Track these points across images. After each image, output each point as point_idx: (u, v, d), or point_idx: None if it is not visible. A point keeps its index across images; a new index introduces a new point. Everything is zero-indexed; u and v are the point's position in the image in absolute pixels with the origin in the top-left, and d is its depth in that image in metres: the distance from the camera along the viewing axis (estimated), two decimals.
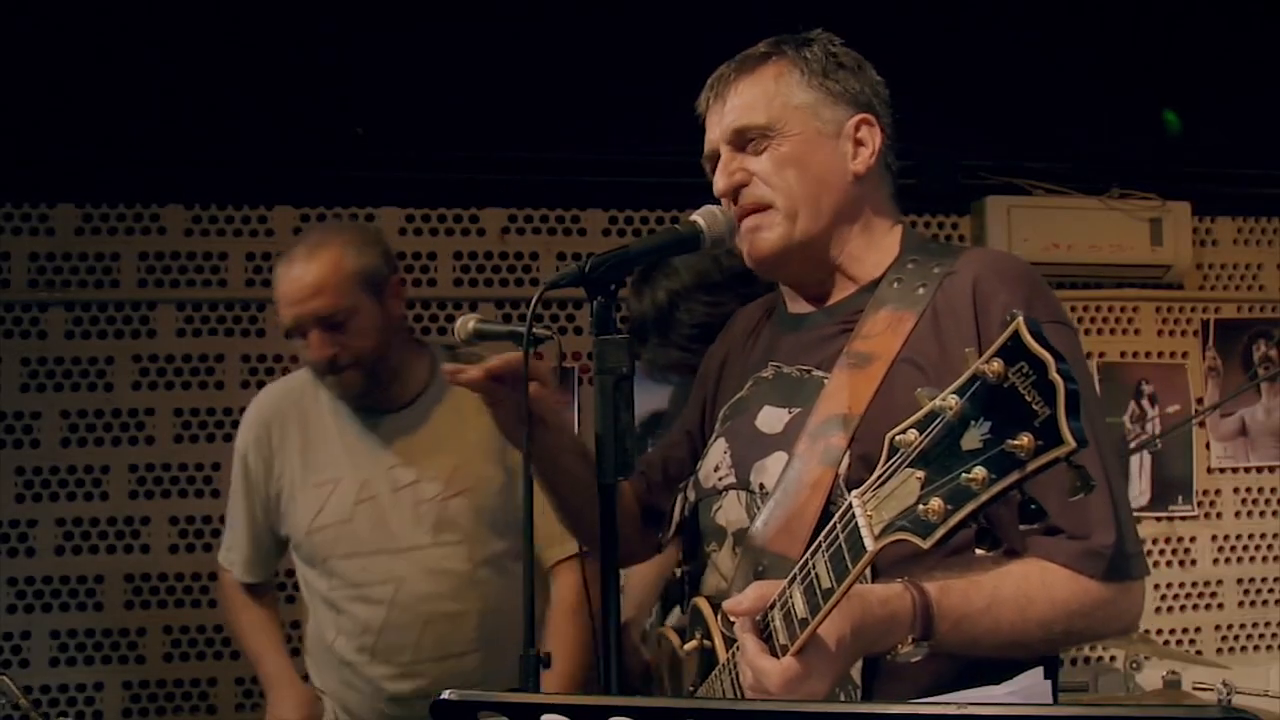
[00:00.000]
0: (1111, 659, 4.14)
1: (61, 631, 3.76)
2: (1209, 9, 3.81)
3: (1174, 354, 4.40)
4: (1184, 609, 4.35)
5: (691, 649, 1.78)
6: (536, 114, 3.76)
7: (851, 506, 1.30)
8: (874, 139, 1.79)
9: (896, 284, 1.73)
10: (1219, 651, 4.33)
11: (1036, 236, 4.12)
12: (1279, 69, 3.80)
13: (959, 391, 1.16)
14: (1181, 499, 4.35)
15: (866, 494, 1.28)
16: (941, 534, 1.17)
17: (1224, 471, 4.40)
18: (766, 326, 1.95)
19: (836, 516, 1.34)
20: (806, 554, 1.39)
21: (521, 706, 1.04)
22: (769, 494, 1.69)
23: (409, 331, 2.72)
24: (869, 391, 1.64)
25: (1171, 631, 4.33)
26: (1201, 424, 4.35)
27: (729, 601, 1.50)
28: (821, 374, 1.73)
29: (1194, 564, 4.37)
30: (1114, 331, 4.37)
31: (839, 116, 1.78)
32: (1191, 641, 4.34)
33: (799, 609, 1.38)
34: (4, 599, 3.72)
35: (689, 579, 1.92)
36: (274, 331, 2.83)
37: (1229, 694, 3.29)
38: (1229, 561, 4.39)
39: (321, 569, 2.65)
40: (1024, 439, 1.09)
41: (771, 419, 1.76)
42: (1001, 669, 1.56)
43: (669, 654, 1.95)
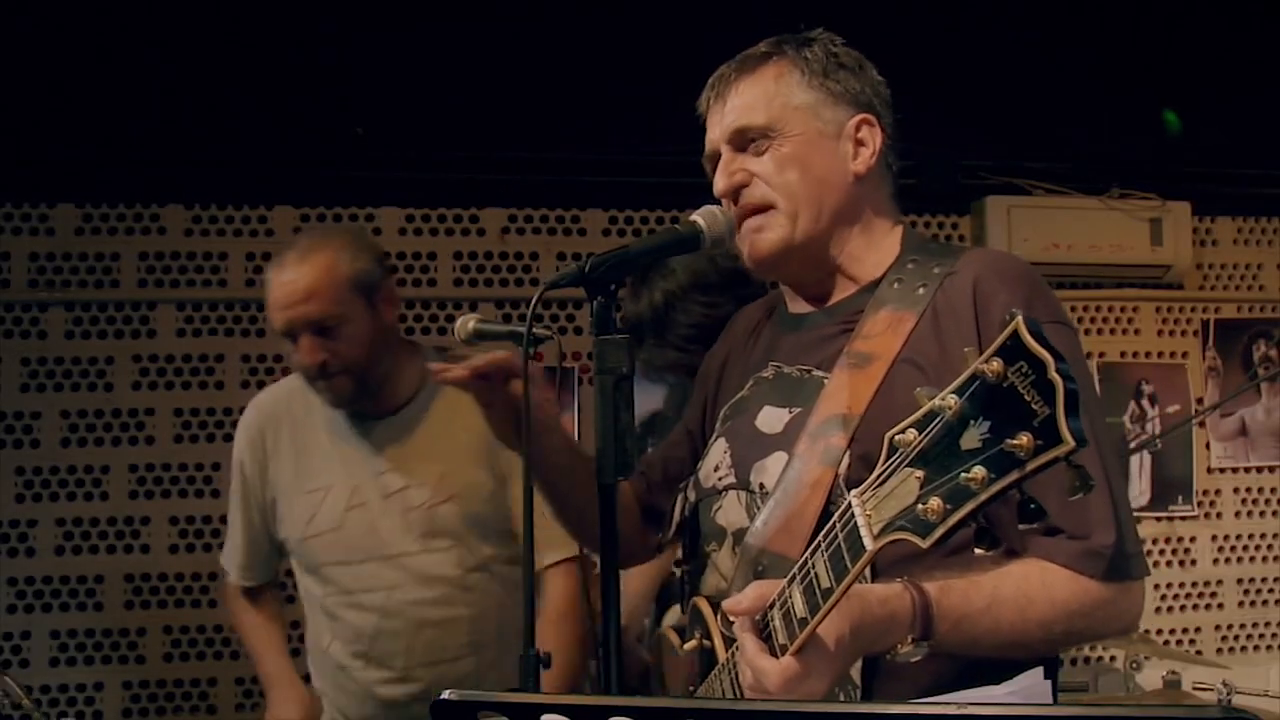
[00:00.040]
0: (1111, 659, 4.14)
1: (61, 631, 3.76)
2: (1209, 9, 3.81)
3: (1174, 354, 4.40)
4: (1184, 609, 4.35)
5: (691, 649, 1.78)
6: (536, 114, 3.76)
7: (851, 506, 1.30)
8: (874, 139, 1.79)
9: (897, 284, 1.73)
10: (1219, 651, 4.33)
11: (1036, 236, 4.12)
12: (1279, 69, 3.80)
13: (958, 391, 1.16)
14: (1181, 499, 4.35)
15: (866, 493, 1.28)
16: (940, 533, 1.17)
17: (1224, 471, 4.40)
18: (767, 326, 1.95)
19: (836, 516, 1.34)
20: (806, 554, 1.39)
21: (521, 706, 1.04)
22: (769, 494, 1.68)
23: (401, 335, 2.70)
24: (869, 391, 1.64)
25: (1171, 631, 4.33)
26: (1201, 424, 4.35)
27: (728, 601, 1.49)
28: (822, 374, 1.73)
29: (1194, 564, 4.37)
30: (1114, 331, 4.37)
31: (839, 117, 1.78)
32: (1191, 641, 4.34)
33: (798, 609, 1.37)
34: (4, 599, 3.72)
35: (689, 579, 1.92)
36: (274, 332, 2.82)
37: (1229, 694, 3.28)
38: (1229, 561, 4.39)
39: (316, 575, 2.65)
40: (1023, 438, 1.09)
41: (772, 419, 1.76)
42: (1001, 669, 1.56)
43: (669, 654, 1.95)
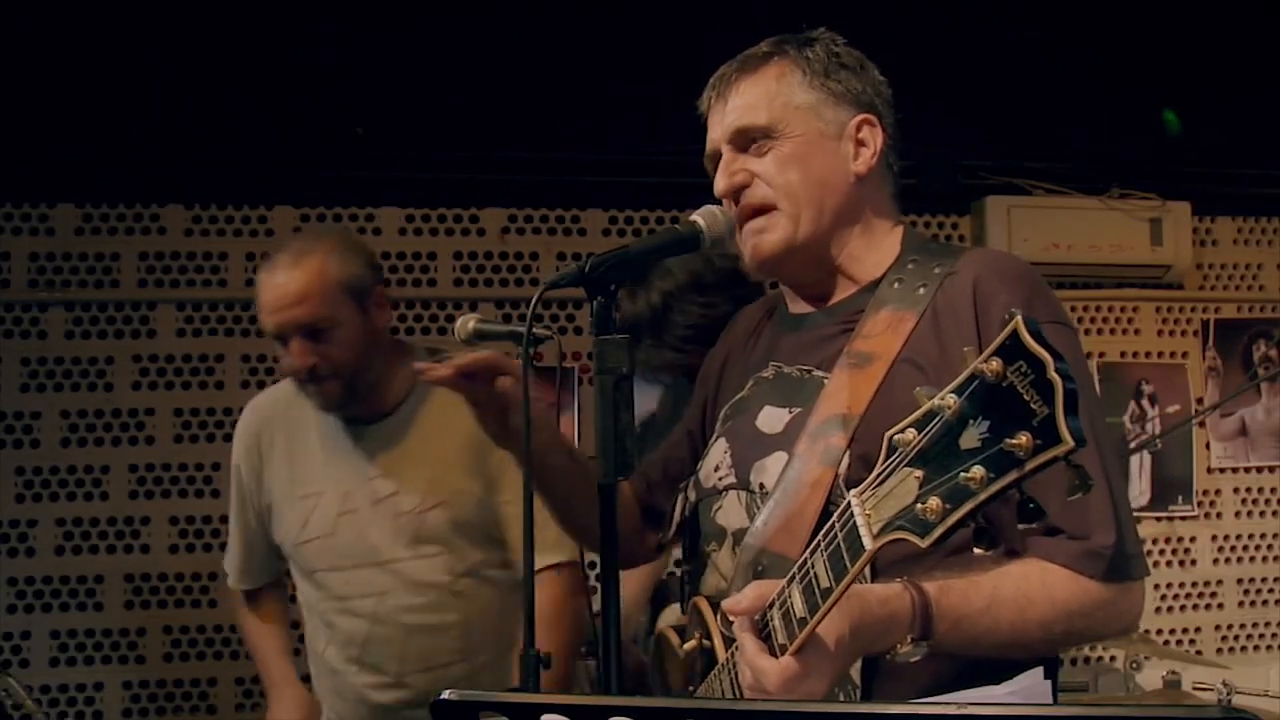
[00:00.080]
0: (1111, 659, 4.14)
1: (61, 631, 3.76)
2: (1209, 9, 3.81)
3: (1174, 354, 4.40)
4: (1184, 609, 4.35)
5: (691, 649, 1.78)
6: (536, 114, 3.76)
7: (850, 506, 1.29)
8: (875, 139, 1.79)
9: (897, 284, 1.73)
10: (1219, 651, 4.33)
11: (1036, 236, 4.12)
12: (1279, 69, 3.80)
13: (957, 390, 1.16)
14: (1181, 499, 4.35)
15: (865, 493, 1.28)
16: (940, 533, 1.17)
17: (1224, 471, 4.40)
18: (767, 326, 1.94)
19: (835, 516, 1.33)
20: (805, 553, 1.39)
21: (521, 706, 1.04)
22: (769, 494, 1.68)
23: (393, 339, 2.67)
24: (869, 391, 1.64)
25: (1171, 631, 4.33)
26: (1201, 424, 4.35)
27: (727, 601, 1.49)
28: (822, 374, 1.72)
29: (1194, 564, 4.37)
30: (1114, 331, 4.37)
31: (841, 117, 1.78)
32: (1191, 641, 4.34)
33: (798, 608, 1.37)
34: (4, 599, 3.72)
35: (689, 579, 1.92)
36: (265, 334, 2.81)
37: (1229, 694, 3.29)
38: (1229, 561, 4.39)
39: (310, 580, 2.65)
40: (1022, 438, 1.09)
41: (772, 419, 1.76)
42: (1001, 669, 1.56)
43: (669, 654, 1.95)
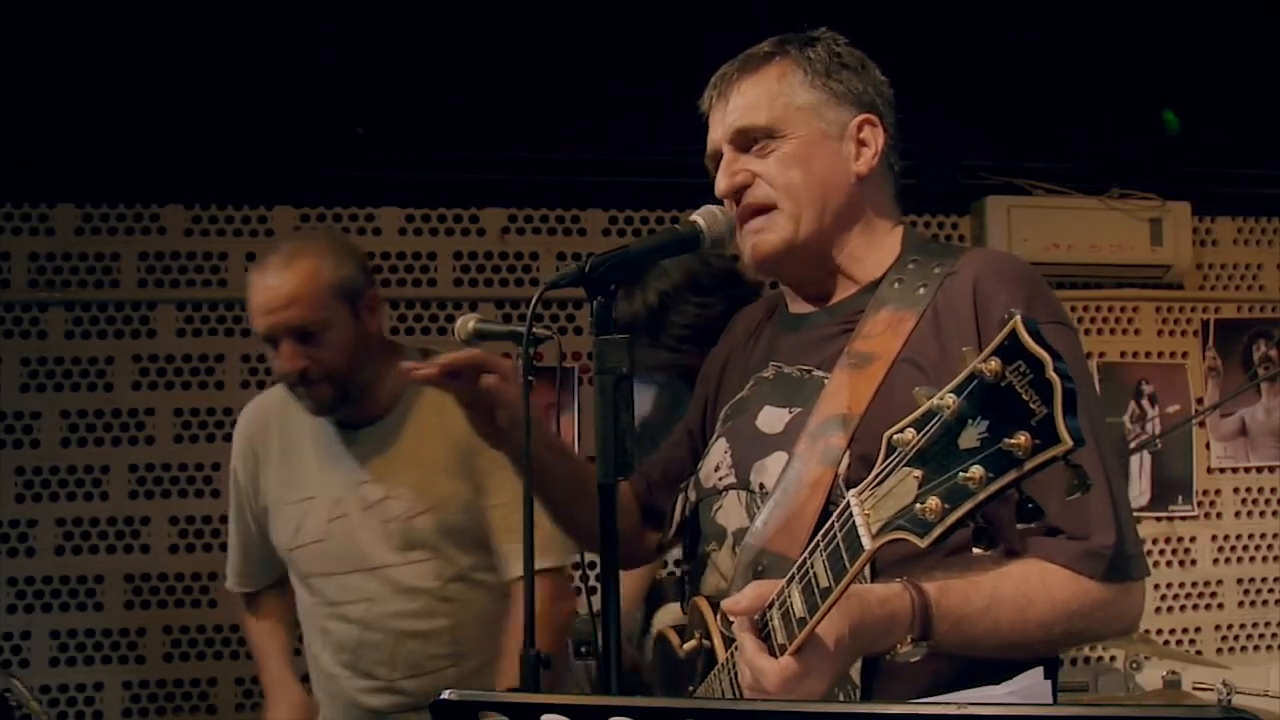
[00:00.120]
0: (1111, 659, 4.14)
1: (61, 631, 3.76)
2: (1209, 9, 3.81)
3: (1174, 354, 4.40)
4: (1184, 609, 4.35)
5: (691, 649, 1.78)
6: (536, 114, 3.76)
7: (849, 505, 1.29)
8: (877, 139, 1.78)
9: (897, 284, 1.73)
10: (1219, 651, 4.33)
11: (1036, 236, 4.13)
12: (1279, 69, 3.80)
13: (956, 390, 1.16)
14: (1181, 499, 4.35)
15: (864, 493, 1.27)
16: (939, 533, 1.17)
17: (1224, 471, 4.40)
18: (768, 326, 1.94)
19: (834, 515, 1.33)
20: (805, 553, 1.39)
21: (521, 706, 1.04)
22: (769, 494, 1.68)
23: (385, 340, 2.65)
24: (869, 391, 1.64)
25: (1171, 631, 4.33)
26: (1201, 424, 4.35)
27: (727, 601, 1.49)
28: (822, 374, 1.72)
29: (1194, 564, 4.37)
30: (1114, 331, 4.37)
31: (842, 117, 1.77)
32: (1191, 641, 4.34)
33: (797, 608, 1.37)
34: (4, 599, 3.72)
35: (689, 579, 1.92)
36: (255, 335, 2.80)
37: (1229, 694, 3.29)
38: (1229, 561, 4.39)
39: (305, 585, 2.65)
40: (1021, 438, 1.09)
41: (772, 419, 1.76)
42: (1001, 669, 1.56)
43: (669, 654, 1.95)
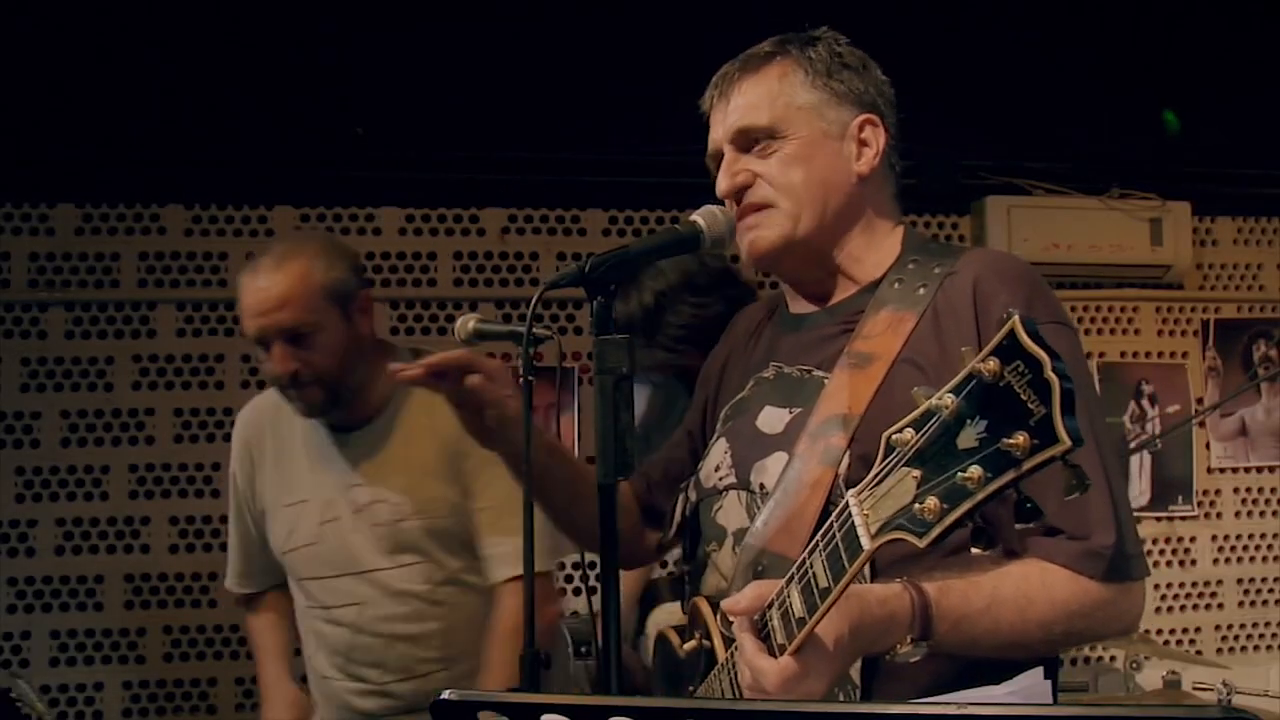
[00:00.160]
0: (1111, 659, 4.14)
1: (61, 631, 3.76)
2: (1209, 9, 3.81)
3: (1174, 354, 4.40)
4: (1184, 609, 4.35)
5: (691, 649, 1.78)
6: (536, 114, 3.76)
7: (848, 505, 1.29)
8: (878, 139, 1.78)
9: (897, 284, 1.73)
10: (1219, 651, 4.33)
11: (1036, 236, 4.13)
12: (1279, 69, 3.80)
13: (955, 390, 1.16)
14: (1181, 499, 4.35)
15: (863, 493, 1.27)
16: (937, 533, 1.17)
17: (1224, 471, 4.40)
18: (768, 327, 1.94)
19: (833, 515, 1.33)
20: (804, 553, 1.39)
21: (521, 706, 1.04)
22: (769, 494, 1.68)
23: (377, 341, 2.64)
24: (869, 391, 1.64)
25: (1171, 631, 4.33)
26: (1201, 424, 4.35)
27: (726, 601, 1.49)
28: (822, 374, 1.72)
29: (1194, 564, 4.37)
30: (1114, 331, 4.37)
31: (843, 117, 1.77)
32: (1191, 641, 4.34)
33: (796, 608, 1.37)
34: (4, 599, 3.72)
35: (689, 579, 1.92)
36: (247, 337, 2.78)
37: (1229, 694, 3.29)
38: (1229, 561, 4.39)
39: (300, 588, 2.65)
40: (1019, 438, 1.09)
41: (772, 419, 1.76)
42: (1001, 669, 1.56)
43: (669, 654, 1.95)
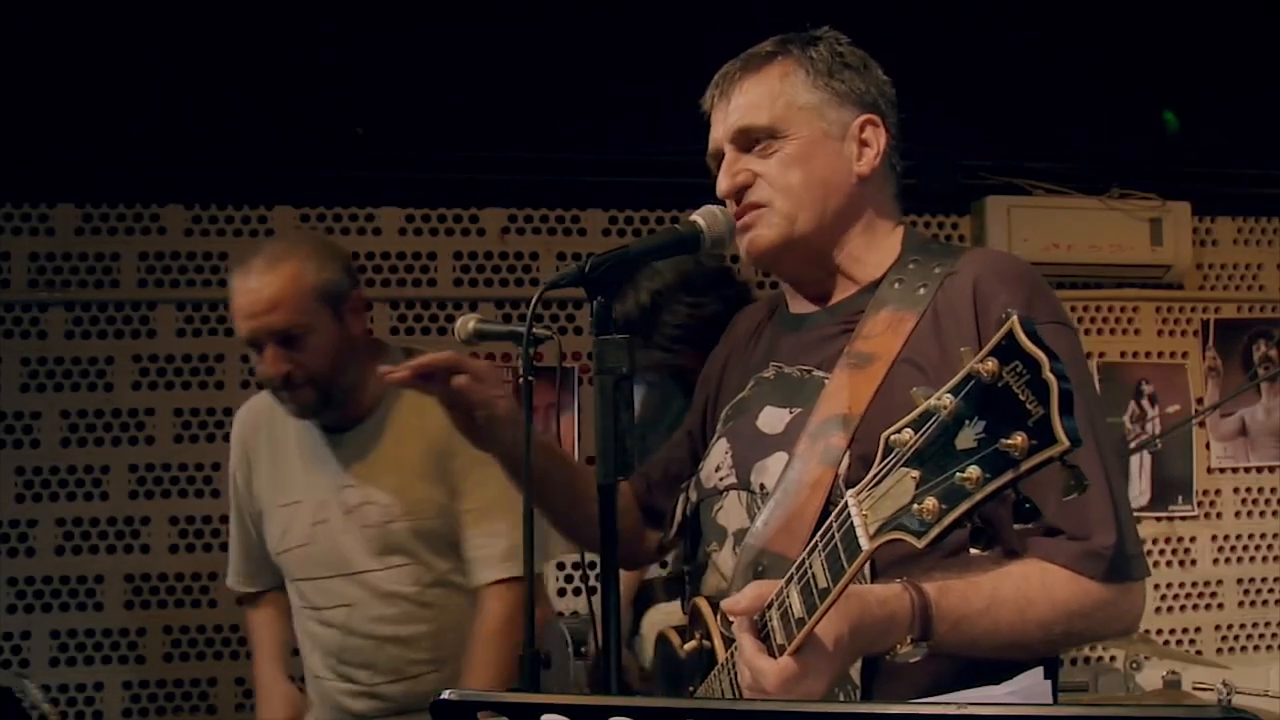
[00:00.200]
0: (1111, 659, 4.14)
1: (61, 631, 3.76)
2: (1209, 9, 3.81)
3: (1174, 354, 4.40)
4: (1184, 609, 4.35)
5: (691, 649, 1.78)
6: (536, 114, 3.76)
7: (847, 506, 1.29)
8: (879, 140, 1.78)
9: (897, 284, 1.73)
10: (1219, 651, 4.33)
11: (1036, 236, 4.13)
12: (1279, 69, 3.80)
13: (954, 391, 1.16)
14: (1181, 499, 4.35)
15: (862, 493, 1.27)
16: (936, 533, 1.17)
17: (1224, 471, 4.40)
18: (768, 327, 1.94)
19: (832, 516, 1.33)
20: (803, 554, 1.39)
21: (521, 706, 1.04)
22: (769, 494, 1.68)
23: (370, 342, 2.63)
24: (869, 392, 1.64)
25: (1171, 631, 4.33)
26: (1201, 424, 4.35)
27: (726, 601, 1.49)
28: (822, 374, 1.72)
29: (1194, 564, 4.37)
30: (1114, 331, 4.38)
31: (844, 117, 1.77)
32: (1191, 641, 4.34)
33: (796, 609, 1.37)
34: (4, 599, 3.72)
35: (690, 579, 1.92)
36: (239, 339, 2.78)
37: (1229, 694, 3.28)
38: (1229, 561, 4.39)
39: (294, 588, 2.65)
40: (1018, 438, 1.09)
41: (772, 419, 1.76)
42: (1001, 669, 1.56)
43: (669, 654, 1.95)
